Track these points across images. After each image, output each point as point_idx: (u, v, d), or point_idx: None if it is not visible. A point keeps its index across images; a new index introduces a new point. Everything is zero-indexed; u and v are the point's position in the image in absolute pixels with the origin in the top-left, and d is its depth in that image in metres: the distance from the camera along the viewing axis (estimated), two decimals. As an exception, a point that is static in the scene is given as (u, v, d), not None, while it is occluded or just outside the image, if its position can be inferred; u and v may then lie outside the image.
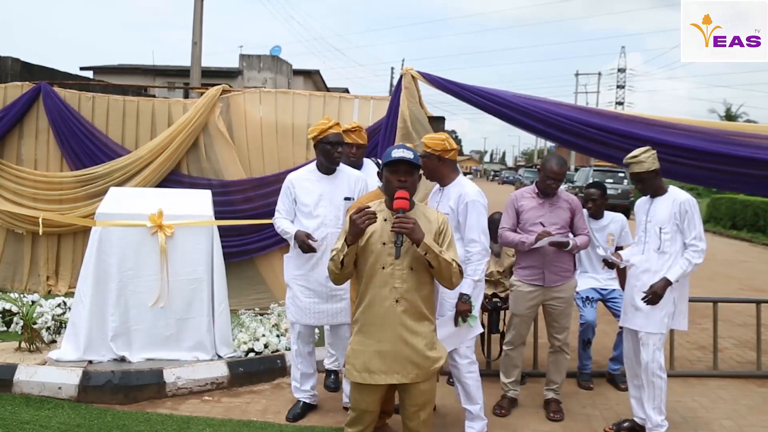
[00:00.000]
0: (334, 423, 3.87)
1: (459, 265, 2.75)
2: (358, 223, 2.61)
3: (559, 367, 4.20)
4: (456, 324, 3.49)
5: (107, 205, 4.53)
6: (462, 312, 3.44)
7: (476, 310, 3.55)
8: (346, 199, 3.85)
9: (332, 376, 4.46)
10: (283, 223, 3.90)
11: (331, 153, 3.79)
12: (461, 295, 3.41)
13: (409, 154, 2.72)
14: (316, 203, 3.82)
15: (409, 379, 2.75)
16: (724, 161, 4.53)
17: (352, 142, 4.26)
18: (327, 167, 3.86)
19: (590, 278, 4.88)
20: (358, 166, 4.37)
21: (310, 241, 3.72)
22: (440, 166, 3.62)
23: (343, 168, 3.95)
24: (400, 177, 2.73)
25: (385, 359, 2.72)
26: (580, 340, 4.75)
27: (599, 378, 4.82)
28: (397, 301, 2.71)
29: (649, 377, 3.69)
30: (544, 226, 4.00)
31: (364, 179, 4.00)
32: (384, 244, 2.71)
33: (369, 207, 2.68)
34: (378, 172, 4.20)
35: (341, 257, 2.71)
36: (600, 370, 4.88)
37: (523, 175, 45.17)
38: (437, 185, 3.76)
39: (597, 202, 4.80)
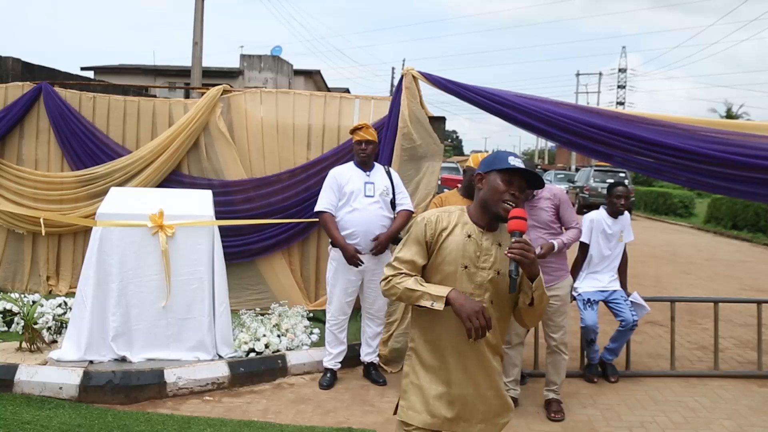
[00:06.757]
0: (335, 423, 3.87)
1: None
2: (468, 326, 2.04)
3: (558, 368, 4.20)
4: None
5: (108, 205, 4.53)
6: None
7: None
8: None
9: (328, 375, 4.48)
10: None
11: None
12: None
13: (527, 167, 2.21)
14: None
15: (477, 430, 2.25)
16: (723, 164, 4.48)
17: (360, 139, 4.41)
18: None
19: (594, 279, 4.88)
20: (369, 163, 4.47)
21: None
22: None
23: None
24: (513, 190, 2.15)
25: (453, 405, 2.21)
26: (583, 340, 4.82)
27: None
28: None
29: None
30: None
31: None
32: (465, 267, 2.16)
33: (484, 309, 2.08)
34: (463, 172, 4.39)
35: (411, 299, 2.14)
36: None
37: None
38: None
39: (628, 200, 4.89)
